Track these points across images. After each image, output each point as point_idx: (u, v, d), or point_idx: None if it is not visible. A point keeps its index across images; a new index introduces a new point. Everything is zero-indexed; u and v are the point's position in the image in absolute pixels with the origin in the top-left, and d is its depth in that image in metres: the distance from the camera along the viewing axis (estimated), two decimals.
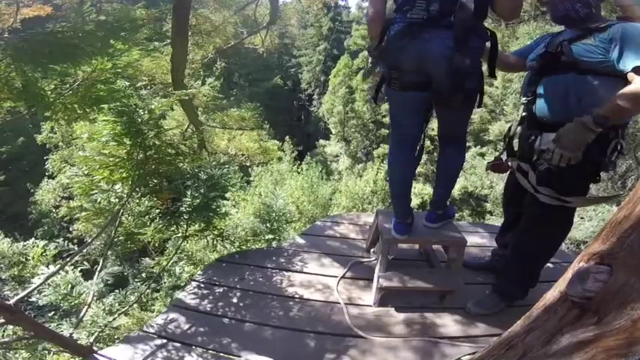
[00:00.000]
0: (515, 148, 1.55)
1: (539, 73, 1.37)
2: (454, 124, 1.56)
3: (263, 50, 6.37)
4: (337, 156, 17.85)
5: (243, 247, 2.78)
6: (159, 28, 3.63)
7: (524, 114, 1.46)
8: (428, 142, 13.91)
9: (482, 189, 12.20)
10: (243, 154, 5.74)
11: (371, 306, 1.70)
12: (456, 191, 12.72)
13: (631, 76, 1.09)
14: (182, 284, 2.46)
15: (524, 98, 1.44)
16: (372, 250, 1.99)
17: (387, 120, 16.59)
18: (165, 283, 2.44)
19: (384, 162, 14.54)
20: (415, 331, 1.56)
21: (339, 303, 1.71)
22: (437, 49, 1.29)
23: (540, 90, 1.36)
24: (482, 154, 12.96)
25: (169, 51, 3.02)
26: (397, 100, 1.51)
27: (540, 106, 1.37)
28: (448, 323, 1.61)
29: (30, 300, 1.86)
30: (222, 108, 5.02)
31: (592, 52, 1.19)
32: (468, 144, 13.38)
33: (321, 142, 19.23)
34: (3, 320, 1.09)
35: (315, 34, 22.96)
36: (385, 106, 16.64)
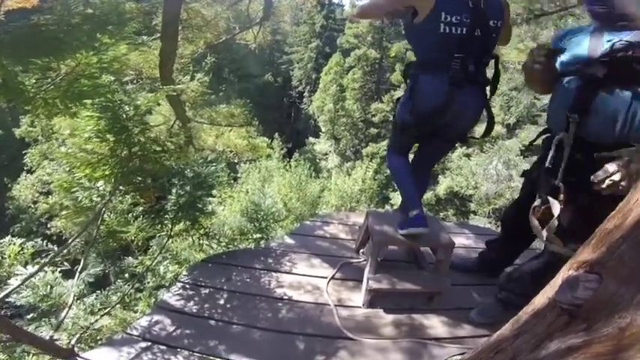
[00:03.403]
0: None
1: (595, 83, 1.12)
2: (440, 157, 1.78)
3: (255, 46, 6.28)
4: (326, 154, 17.86)
5: (230, 247, 2.73)
6: (148, 22, 3.52)
7: (566, 134, 1.20)
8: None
9: (467, 189, 12.46)
10: (231, 151, 5.66)
11: (360, 307, 1.71)
12: (441, 191, 12.95)
13: None
14: (166, 284, 2.39)
15: (574, 115, 1.16)
16: (361, 250, 1.98)
17: (377, 119, 16.70)
18: (148, 282, 2.37)
19: (373, 161, 14.65)
20: (404, 333, 1.57)
21: (329, 304, 1.70)
22: (474, 106, 1.46)
23: (597, 106, 1.12)
24: (468, 155, 13.21)
25: (158, 45, 2.92)
26: (408, 129, 1.56)
27: (596, 126, 1.14)
28: (436, 324, 1.63)
29: (7, 300, 1.78)
30: (211, 104, 4.92)
31: None
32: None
33: (311, 139, 19.20)
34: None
35: (308, 31, 22.84)
36: (375, 105, 16.77)
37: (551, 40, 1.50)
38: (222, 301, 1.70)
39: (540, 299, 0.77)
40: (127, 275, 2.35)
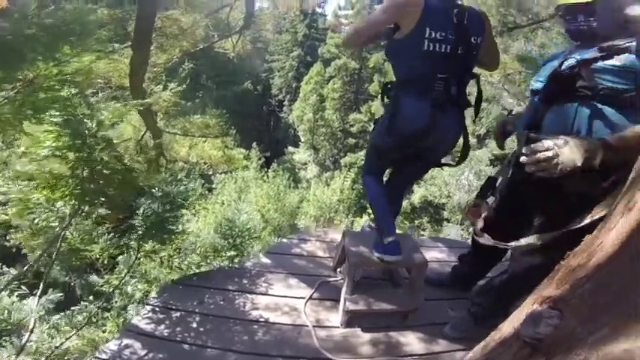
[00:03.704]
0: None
1: (546, 100, 1.17)
2: (414, 179, 1.76)
3: (233, 55, 6.23)
4: (306, 164, 17.88)
5: (203, 265, 2.64)
6: (121, 29, 3.38)
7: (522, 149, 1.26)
8: None
9: (440, 198, 12.88)
10: (205, 163, 5.51)
11: (338, 327, 1.70)
12: (416, 200, 13.30)
13: None
14: (135, 303, 2.27)
15: (524, 131, 1.21)
16: (338, 269, 1.98)
17: (355, 129, 16.98)
18: (116, 302, 2.23)
19: (351, 170, 14.83)
20: (381, 351, 1.58)
21: (307, 325, 1.68)
22: (455, 129, 1.46)
23: (546, 122, 1.16)
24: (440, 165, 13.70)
25: (130, 53, 2.81)
26: (387, 152, 1.57)
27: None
28: (412, 341, 1.65)
29: None
30: (185, 113, 4.76)
31: (617, 77, 1.00)
32: None
33: (290, 149, 19.17)
34: None
35: (290, 39, 23.01)
36: (353, 116, 17.05)
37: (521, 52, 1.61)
38: (194, 325, 1.63)
39: (507, 328, 0.80)
40: (92, 294, 2.20)
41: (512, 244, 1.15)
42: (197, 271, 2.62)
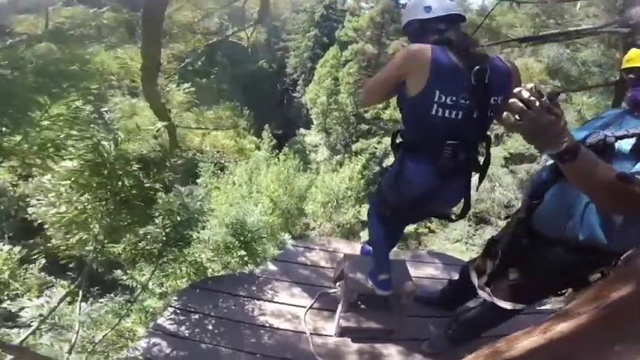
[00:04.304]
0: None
1: (556, 173, 1.11)
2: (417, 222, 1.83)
3: (247, 45, 6.24)
4: (316, 146, 17.96)
5: (215, 260, 2.90)
6: (129, 31, 3.47)
7: (522, 215, 1.29)
8: None
9: None
10: (218, 152, 5.70)
11: (332, 336, 1.95)
12: None
13: None
14: (155, 297, 2.58)
15: (528, 198, 1.23)
16: (337, 283, 2.21)
17: (368, 115, 16.80)
18: (139, 296, 2.54)
19: (361, 155, 14.88)
20: (365, 359, 1.84)
21: (306, 333, 1.94)
22: (460, 193, 1.44)
23: (548, 195, 1.18)
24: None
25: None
26: (391, 204, 1.54)
27: (542, 216, 1.23)
28: (393, 353, 1.91)
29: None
30: (197, 105, 4.91)
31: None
32: None
33: (302, 131, 19.21)
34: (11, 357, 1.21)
35: (307, 19, 22.37)
36: None
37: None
38: (210, 327, 1.91)
39: None
40: (118, 288, 2.51)
41: (501, 303, 1.31)
42: (209, 265, 2.92)
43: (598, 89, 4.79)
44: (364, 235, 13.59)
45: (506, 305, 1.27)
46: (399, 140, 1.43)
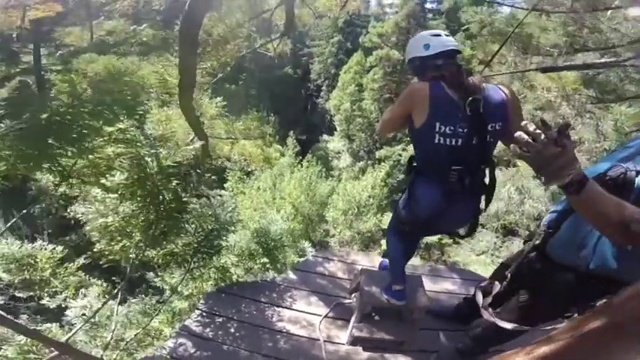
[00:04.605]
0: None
1: None
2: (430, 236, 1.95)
3: (273, 55, 6.51)
4: (339, 152, 18.07)
5: (239, 265, 3.07)
6: (166, 48, 3.79)
7: (537, 242, 1.33)
8: None
9: None
10: (245, 160, 5.98)
11: (344, 344, 2.04)
12: None
13: None
14: (184, 298, 2.77)
15: (545, 226, 1.28)
16: (353, 295, 2.29)
17: None
18: (168, 298, 2.75)
19: (385, 162, 14.78)
20: None
21: (319, 340, 2.04)
22: (467, 214, 1.56)
23: (565, 225, 1.22)
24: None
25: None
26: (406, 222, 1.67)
27: (556, 244, 1.27)
28: None
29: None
30: (228, 113, 5.22)
31: None
32: None
33: (325, 137, 19.42)
34: (56, 353, 1.41)
35: (330, 25, 22.67)
36: None
37: None
38: (232, 330, 2.06)
39: None
40: (148, 289, 2.73)
41: (502, 324, 1.32)
42: (233, 270, 3.10)
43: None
44: (384, 243, 13.44)
45: (507, 326, 1.29)
46: (414, 164, 1.56)
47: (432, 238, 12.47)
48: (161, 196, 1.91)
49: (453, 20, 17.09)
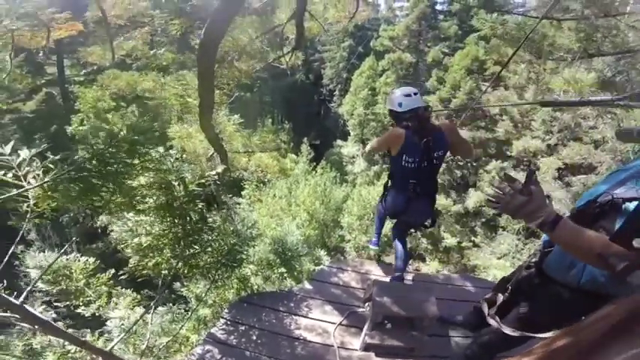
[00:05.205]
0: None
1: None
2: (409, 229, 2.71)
3: (287, 67, 6.74)
4: (353, 157, 18.09)
5: (258, 275, 3.25)
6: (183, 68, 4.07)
7: (533, 261, 1.48)
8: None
9: None
10: (262, 171, 6.23)
11: (357, 350, 2.16)
12: (470, 204, 12.77)
13: None
14: (208, 306, 2.98)
15: (543, 246, 1.41)
16: (366, 304, 2.41)
17: None
18: (194, 307, 2.96)
19: None
20: None
21: (334, 346, 2.18)
22: (424, 210, 2.29)
23: (557, 246, 1.31)
24: (502, 169, 12.84)
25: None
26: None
27: (550, 262, 1.38)
28: None
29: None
30: (244, 123, 5.49)
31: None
32: (487, 158, 13.28)
33: (339, 142, 19.48)
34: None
35: (341, 30, 22.82)
36: None
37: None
38: (254, 337, 2.24)
39: None
40: (175, 298, 2.96)
41: (508, 331, 1.42)
42: (253, 279, 3.29)
43: None
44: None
45: (513, 333, 1.39)
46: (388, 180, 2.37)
47: (452, 243, 12.42)
48: (188, 217, 2.12)
49: (464, 21, 16.84)
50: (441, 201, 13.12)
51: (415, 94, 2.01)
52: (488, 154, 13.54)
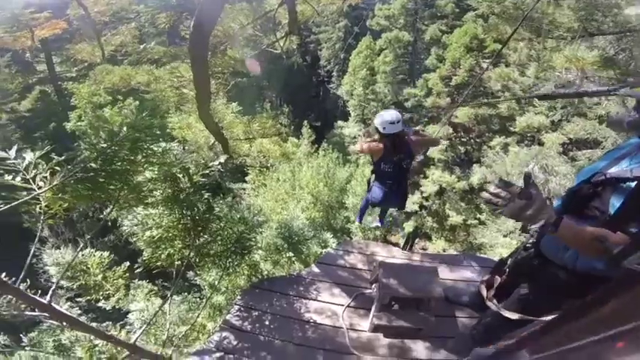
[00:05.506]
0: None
1: (560, 210, 1.23)
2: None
3: (282, 52, 6.59)
4: (355, 138, 17.96)
5: (267, 260, 3.33)
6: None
7: (531, 241, 1.49)
8: (450, 129, 13.86)
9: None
10: (264, 156, 6.23)
11: (366, 331, 2.26)
12: (474, 180, 12.75)
13: None
14: (221, 294, 3.08)
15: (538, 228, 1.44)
16: (373, 285, 2.49)
17: (409, 103, 16.31)
18: (208, 295, 3.07)
19: None
20: (395, 353, 2.15)
21: (343, 328, 2.27)
22: (398, 201, 2.87)
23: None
24: (506, 145, 12.71)
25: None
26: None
27: (546, 244, 1.40)
28: (420, 349, 2.17)
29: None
30: (243, 110, 5.44)
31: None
32: (491, 134, 13.15)
33: (340, 123, 19.28)
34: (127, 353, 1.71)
35: (335, 10, 21.99)
36: (407, 90, 16.35)
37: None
38: (267, 322, 2.33)
39: None
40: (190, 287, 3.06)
41: (507, 314, 1.47)
42: (263, 264, 3.37)
43: None
44: (407, 226, 13.54)
45: (512, 316, 1.44)
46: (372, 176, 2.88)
47: (457, 220, 12.57)
48: (195, 207, 2.16)
49: None
50: (445, 178, 13.15)
51: (398, 121, 2.47)
52: (491, 130, 13.38)
